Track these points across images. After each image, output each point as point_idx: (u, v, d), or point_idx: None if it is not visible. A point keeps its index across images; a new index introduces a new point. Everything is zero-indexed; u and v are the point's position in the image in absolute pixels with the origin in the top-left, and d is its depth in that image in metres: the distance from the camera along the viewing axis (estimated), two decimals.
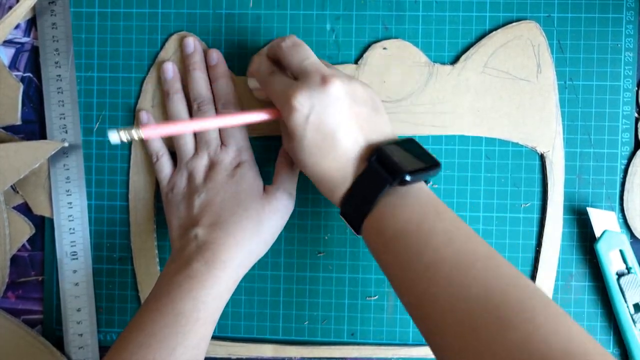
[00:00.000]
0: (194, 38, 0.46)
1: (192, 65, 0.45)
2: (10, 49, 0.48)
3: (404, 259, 0.34)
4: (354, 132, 0.37)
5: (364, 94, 0.38)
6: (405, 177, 0.35)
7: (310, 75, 0.37)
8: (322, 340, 0.47)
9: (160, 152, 0.46)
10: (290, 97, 0.37)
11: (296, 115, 0.36)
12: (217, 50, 0.45)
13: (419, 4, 0.45)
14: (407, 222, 0.35)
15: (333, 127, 0.37)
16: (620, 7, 0.45)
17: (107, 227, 0.48)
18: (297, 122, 0.37)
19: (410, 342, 0.46)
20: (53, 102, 0.47)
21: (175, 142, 0.45)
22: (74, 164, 0.47)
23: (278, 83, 0.39)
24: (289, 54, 0.39)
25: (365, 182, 0.37)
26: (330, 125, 0.36)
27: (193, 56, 0.45)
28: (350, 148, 0.37)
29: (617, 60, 0.45)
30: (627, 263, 0.44)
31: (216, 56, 0.45)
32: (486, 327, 0.29)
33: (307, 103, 0.36)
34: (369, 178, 0.36)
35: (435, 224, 0.34)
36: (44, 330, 0.48)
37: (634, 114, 0.45)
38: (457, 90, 0.45)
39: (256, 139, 0.46)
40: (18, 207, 0.48)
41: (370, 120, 0.38)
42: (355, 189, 0.37)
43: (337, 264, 0.47)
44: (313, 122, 0.36)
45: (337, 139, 0.37)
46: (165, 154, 0.46)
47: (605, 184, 0.45)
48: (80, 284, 0.48)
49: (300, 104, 0.36)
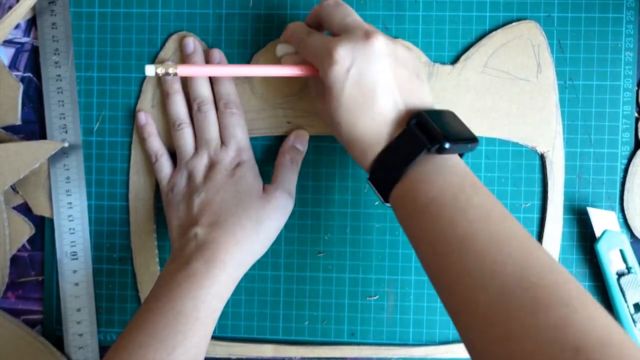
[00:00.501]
0: (194, 38, 0.46)
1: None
2: (10, 49, 0.48)
3: (437, 228, 0.33)
4: (394, 91, 0.36)
5: (407, 57, 0.37)
6: (445, 145, 0.34)
7: (354, 30, 0.37)
8: (322, 340, 0.47)
9: (160, 152, 0.46)
10: (332, 49, 0.36)
11: (336, 68, 0.36)
12: (219, 50, 0.45)
13: (419, 4, 0.45)
14: (443, 191, 0.33)
15: (373, 83, 0.35)
16: (620, 7, 0.45)
17: (107, 227, 0.48)
18: (337, 76, 0.36)
19: (411, 342, 0.46)
20: (53, 102, 0.47)
21: (175, 141, 0.45)
22: (74, 164, 0.47)
23: (317, 40, 0.38)
24: (330, 12, 0.39)
25: (402, 145, 0.35)
26: (371, 80, 0.35)
27: (193, 56, 0.45)
28: (389, 108, 0.36)
29: (617, 60, 0.45)
30: (627, 263, 0.44)
31: (218, 56, 0.45)
32: (520, 307, 0.28)
33: (348, 56, 0.35)
34: (407, 141, 0.35)
35: (472, 197, 0.33)
36: (44, 330, 0.48)
37: (634, 113, 0.45)
38: (457, 90, 0.45)
39: (256, 139, 0.46)
40: (18, 207, 0.48)
41: (412, 84, 0.37)
42: (390, 152, 0.36)
43: (337, 264, 0.47)
44: (353, 76, 0.35)
45: (377, 96, 0.36)
46: (165, 155, 0.46)
47: (605, 183, 0.45)
48: (80, 284, 0.48)
49: (341, 57, 0.35)
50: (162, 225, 0.47)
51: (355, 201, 0.46)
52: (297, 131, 0.45)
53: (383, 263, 0.46)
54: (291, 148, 0.45)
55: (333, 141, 0.46)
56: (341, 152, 0.46)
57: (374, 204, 0.46)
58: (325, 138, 0.46)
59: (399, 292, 0.46)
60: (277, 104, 0.46)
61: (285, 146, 0.45)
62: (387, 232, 0.46)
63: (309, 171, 0.46)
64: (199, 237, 0.40)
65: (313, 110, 0.46)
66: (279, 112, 0.46)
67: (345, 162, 0.46)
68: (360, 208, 0.46)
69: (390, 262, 0.46)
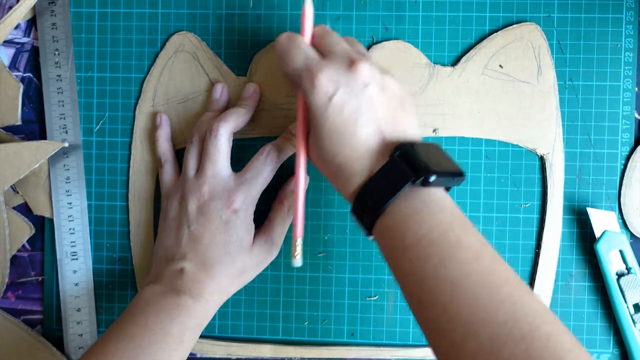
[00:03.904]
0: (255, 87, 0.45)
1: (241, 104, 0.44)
2: (10, 49, 0.48)
3: (426, 268, 0.31)
4: (377, 121, 0.35)
5: (394, 87, 0.36)
6: (430, 178, 0.33)
7: (339, 56, 0.36)
8: (322, 340, 0.47)
9: (164, 157, 0.45)
10: (315, 74, 0.35)
11: (319, 96, 0.35)
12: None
13: (419, 4, 0.45)
14: (431, 229, 0.32)
15: (356, 112, 0.35)
16: (620, 7, 0.45)
17: (107, 227, 0.48)
18: (319, 102, 0.35)
19: (410, 343, 0.46)
20: (53, 102, 0.47)
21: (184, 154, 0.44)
22: (74, 164, 0.47)
23: (301, 58, 0.37)
24: (320, 38, 0.38)
25: (385, 176, 0.34)
26: (354, 109, 0.35)
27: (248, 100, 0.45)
28: (372, 138, 0.35)
29: (617, 60, 0.45)
30: (627, 263, 0.44)
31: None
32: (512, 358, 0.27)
33: (332, 82, 0.35)
34: (390, 173, 0.34)
35: (461, 237, 0.32)
36: (44, 330, 0.48)
37: (634, 114, 0.45)
38: (457, 91, 0.45)
39: (255, 139, 0.46)
40: (18, 208, 0.48)
41: (397, 115, 0.36)
42: (373, 183, 0.34)
43: (337, 264, 0.47)
44: (336, 103, 0.35)
45: (359, 125, 0.35)
46: (169, 161, 0.45)
47: (605, 184, 0.45)
48: (80, 284, 0.48)
49: (323, 83, 0.35)
50: None
51: None
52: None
53: (383, 263, 0.46)
54: (291, 194, 0.44)
55: None
56: None
57: None
58: None
59: (398, 292, 0.46)
60: (277, 104, 0.46)
61: (284, 192, 0.44)
62: None
63: (309, 171, 0.46)
64: (187, 274, 0.40)
65: None
66: (279, 112, 0.46)
67: None
68: None
69: None
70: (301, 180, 0.39)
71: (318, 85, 0.35)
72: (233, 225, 0.41)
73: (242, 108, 0.44)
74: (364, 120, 0.35)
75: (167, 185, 0.45)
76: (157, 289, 0.40)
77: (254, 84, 0.45)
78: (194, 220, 0.41)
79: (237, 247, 0.41)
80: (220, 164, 0.42)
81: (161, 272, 0.41)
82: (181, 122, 0.47)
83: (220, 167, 0.42)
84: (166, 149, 0.46)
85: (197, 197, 0.41)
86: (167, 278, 0.41)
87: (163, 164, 0.45)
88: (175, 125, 0.47)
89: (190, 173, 0.43)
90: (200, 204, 0.41)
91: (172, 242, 0.42)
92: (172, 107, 0.47)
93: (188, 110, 0.47)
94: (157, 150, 0.46)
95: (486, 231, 0.46)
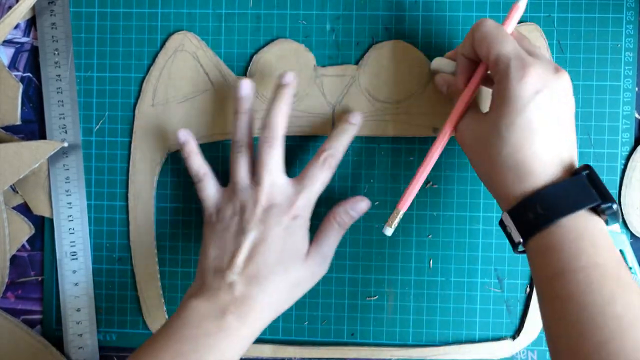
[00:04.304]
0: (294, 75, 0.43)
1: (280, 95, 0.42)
2: (10, 49, 0.48)
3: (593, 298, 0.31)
4: (568, 131, 0.36)
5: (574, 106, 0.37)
6: (613, 206, 0.33)
7: (544, 59, 0.36)
8: (322, 340, 0.47)
9: (202, 171, 0.43)
10: (529, 65, 0.35)
11: (526, 87, 0.34)
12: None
13: (419, 4, 0.45)
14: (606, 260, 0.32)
15: (556, 115, 0.35)
16: (620, 7, 0.45)
17: (107, 227, 0.48)
18: (523, 94, 0.34)
19: (410, 343, 0.46)
20: (53, 102, 0.47)
21: (231, 161, 0.43)
22: (73, 164, 0.47)
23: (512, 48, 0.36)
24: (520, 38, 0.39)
25: (568, 190, 0.33)
26: (555, 111, 0.35)
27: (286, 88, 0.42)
28: (563, 146, 0.35)
29: (617, 60, 0.45)
30: (627, 263, 0.44)
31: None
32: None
33: (540, 80, 0.35)
34: (574, 188, 0.33)
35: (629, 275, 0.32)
36: (44, 330, 0.48)
37: (634, 113, 0.45)
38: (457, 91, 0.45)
39: (257, 139, 0.46)
40: (18, 207, 0.48)
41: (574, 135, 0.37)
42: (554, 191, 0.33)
43: (337, 264, 0.47)
44: (541, 100, 0.34)
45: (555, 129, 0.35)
46: (208, 174, 0.43)
47: (605, 184, 0.45)
48: (80, 284, 0.48)
49: (535, 76, 0.34)
50: (162, 225, 0.47)
51: None
52: (357, 199, 0.43)
53: (383, 263, 0.46)
54: (344, 212, 0.43)
55: None
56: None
57: (374, 204, 0.46)
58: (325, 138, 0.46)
59: (398, 292, 0.46)
60: None
61: (338, 207, 0.43)
62: None
63: None
64: (237, 289, 0.39)
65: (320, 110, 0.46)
66: None
67: (345, 162, 0.46)
68: None
69: (390, 262, 0.46)
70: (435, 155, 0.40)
71: (529, 76, 0.34)
72: (292, 231, 0.40)
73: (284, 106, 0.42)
74: (561, 127, 0.35)
75: (214, 197, 0.43)
76: (200, 306, 0.38)
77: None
78: (255, 228, 0.40)
79: (292, 256, 0.40)
80: (277, 172, 0.41)
81: (208, 284, 0.39)
82: (181, 122, 0.47)
83: (277, 174, 0.41)
84: (201, 163, 0.43)
85: (257, 206, 0.40)
86: (213, 292, 0.39)
87: (202, 178, 0.43)
88: (175, 125, 0.47)
89: (244, 182, 0.42)
90: (260, 212, 0.40)
91: (224, 253, 0.40)
92: (171, 107, 0.47)
93: (188, 110, 0.47)
94: (190, 167, 0.43)
95: (486, 231, 0.46)
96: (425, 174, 0.40)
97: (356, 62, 0.46)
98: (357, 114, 0.44)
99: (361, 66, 0.45)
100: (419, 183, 0.40)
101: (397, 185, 0.46)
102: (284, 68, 0.45)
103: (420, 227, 0.46)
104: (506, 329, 0.46)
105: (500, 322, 0.46)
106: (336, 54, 0.46)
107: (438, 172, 0.46)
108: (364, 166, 0.46)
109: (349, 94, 0.45)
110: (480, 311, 0.46)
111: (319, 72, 0.46)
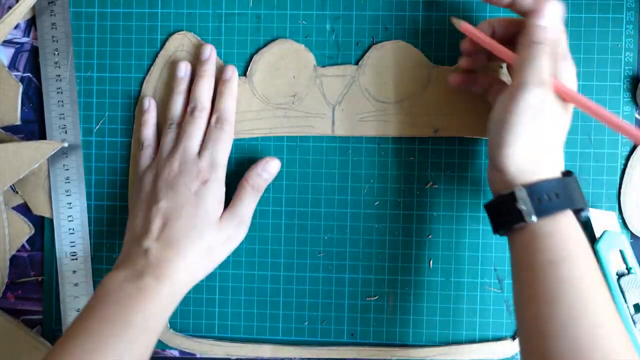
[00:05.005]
0: (211, 47, 0.45)
1: (202, 73, 0.45)
2: (10, 49, 0.48)
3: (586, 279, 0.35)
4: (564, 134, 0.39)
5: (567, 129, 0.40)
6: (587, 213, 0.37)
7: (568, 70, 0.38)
8: (322, 340, 0.47)
9: (147, 142, 0.45)
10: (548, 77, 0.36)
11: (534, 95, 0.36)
12: (233, 67, 0.45)
13: (419, 4, 0.45)
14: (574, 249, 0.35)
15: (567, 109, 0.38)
16: (620, 7, 0.45)
17: (107, 228, 0.48)
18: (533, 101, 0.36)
19: (410, 343, 0.46)
20: (52, 102, 0.47)
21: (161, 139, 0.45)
22: (73, 164, 0.47)
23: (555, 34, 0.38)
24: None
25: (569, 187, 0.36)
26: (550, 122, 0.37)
27: (206, 63, 0.45)
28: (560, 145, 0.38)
29: (617, 60, 0.45)
30: (627, 263, 0.44)
31: (231, 73, 0.45)
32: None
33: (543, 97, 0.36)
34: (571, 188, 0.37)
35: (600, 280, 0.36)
36: (44, 330, 0.48)
37: (634, 113, 0.45)
38: (457, 91, 0.45)
39: (256, 139, 0.46)
40: (17, 208, 0.48)
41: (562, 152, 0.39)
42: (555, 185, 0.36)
43: (337, 264, 0.47)
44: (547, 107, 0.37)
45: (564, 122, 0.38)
46: (151, 147, 0.45)
47: (605, 184, 0.45)
48: (80, 284, 0.48)
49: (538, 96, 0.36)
50: None
51: (355, 201, 0.46)
52: (267, 159, 0.44)
53: (383, 263, 0.46)
54: (256, 175, 0.44)
55: (333, 141, 0.46)
56: (341, 153, 0.46)
57: (374, 204, 0.46)
58: (325, 138, 0.46)
59: (398, 293, 0.46)
60: (277, 104, 0.46)
61: (250, 171, 0.44)
62: (387, 232, 0.46)
63: (309, 171, 0.46)
64: (151, 253, 0.40)
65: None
66: (279, 112, 0.46)
67: (345, 162, 0.46)
68: (360, 208, 0.46)
69: (390, 262, 0.46)
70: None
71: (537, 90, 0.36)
72: (204, 195, 0.41)
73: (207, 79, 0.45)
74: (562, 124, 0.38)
75: (144, 168, 0.45)
76: (119, 275, 0.39)
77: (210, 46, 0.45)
78: (164, 196, 0.41)
79: (205, 220, 0.41)
80: (194, 140, 0.43)
81: (127, 254, 0.41)
82: None
83: (193, 143, 0.43)
84: (150, 134, 0.46)
85: (168, 172, 0.42)
86: (131, 261, 0.40)
87: (144, 148, 0.45)
88: None
89: (165, 154, 0.43)
90: (170, 179, 0.42)
91: (140, 223, 0.42)
92: None
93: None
94: (141, 133, 0.46)
95: (486, 231, 0.46)
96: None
97: (356, 62, 0.46)
98: (227, 68, 0.45)
99: (361, 66, 0.45)
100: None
101: (397, 185, 0.46)
102: (284, 68, 0.45)
103: (420, 227, 0.46)
104: (506, 329, 0.46)
105: (500, 322, 0.46)
106: (336, 54, 0.46)
107: (438, 172, 0.46)
108: (364, 166, 0.46)
109: (349, 94, 0.45)
110: (480, 311, 0.46)
111: (319, 72, 0.46)
